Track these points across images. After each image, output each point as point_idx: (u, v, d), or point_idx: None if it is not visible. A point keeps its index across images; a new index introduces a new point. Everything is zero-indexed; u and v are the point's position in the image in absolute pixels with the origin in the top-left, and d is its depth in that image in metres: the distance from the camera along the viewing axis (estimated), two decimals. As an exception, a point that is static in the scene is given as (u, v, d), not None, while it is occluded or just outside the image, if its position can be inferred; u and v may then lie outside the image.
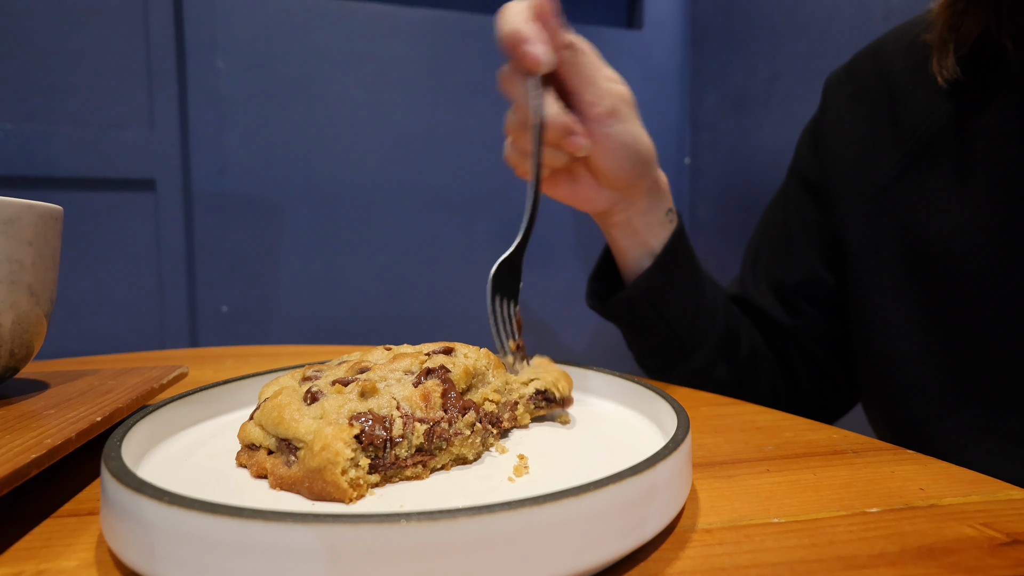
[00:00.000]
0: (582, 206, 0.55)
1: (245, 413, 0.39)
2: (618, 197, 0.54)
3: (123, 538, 0.23)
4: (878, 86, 0.55)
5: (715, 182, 1.48)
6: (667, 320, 0.57)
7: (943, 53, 0.48)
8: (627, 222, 0.55)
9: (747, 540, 0.26)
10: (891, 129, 0.54)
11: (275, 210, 1.37)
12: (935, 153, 0.50)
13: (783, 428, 0.41)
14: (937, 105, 0.50)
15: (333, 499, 0.27)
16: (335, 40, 1.37)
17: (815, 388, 0.64)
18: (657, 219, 0.56)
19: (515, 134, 0.51)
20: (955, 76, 0.48)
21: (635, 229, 0.55)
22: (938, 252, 0.49)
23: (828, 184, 0.59)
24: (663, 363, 0.61)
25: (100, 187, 1.25)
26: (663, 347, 0.59)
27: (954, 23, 0.48)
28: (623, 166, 0.51)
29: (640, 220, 0.55)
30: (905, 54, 0.54)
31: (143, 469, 0.30)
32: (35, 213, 0.38)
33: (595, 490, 0.22)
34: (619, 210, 0.55)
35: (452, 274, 1.48)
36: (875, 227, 0.54)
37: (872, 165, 0.55)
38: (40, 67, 1.20)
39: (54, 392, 0.39)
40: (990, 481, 0.32)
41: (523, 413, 0.37)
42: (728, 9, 1.45)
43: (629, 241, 0.56)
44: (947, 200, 0.49)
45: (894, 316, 0.52)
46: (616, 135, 0.49)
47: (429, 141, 1.45)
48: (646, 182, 0.54)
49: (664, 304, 0.56)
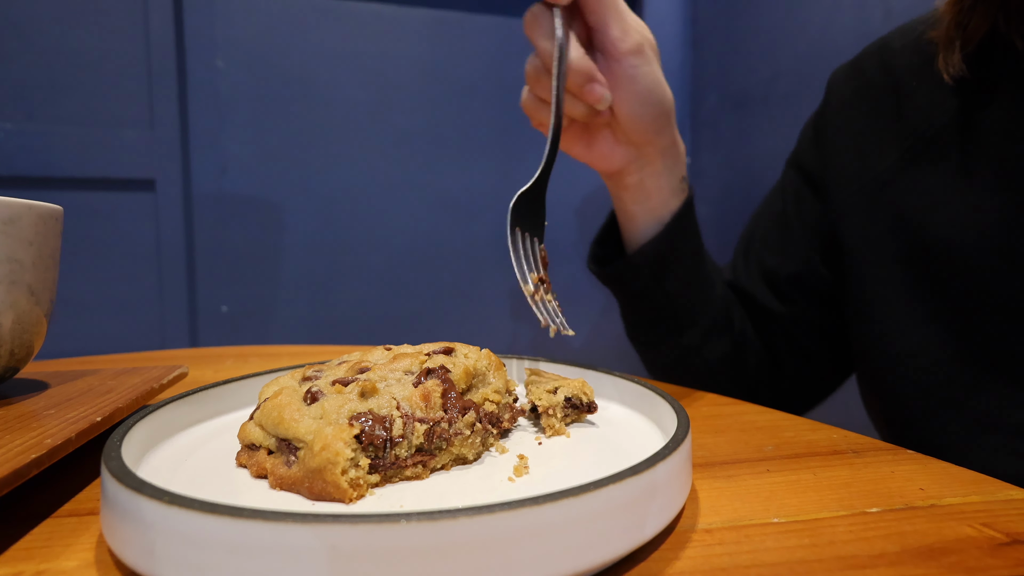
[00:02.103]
0: (597, 163, 0.54)
1: (245, 413, 0.39)
2: (635, 155, 0.53)
3: (123, 538, 0.23)
4: (883, 82, 0.55)
5: (715, 182, 1.48)
6: (666, 291, 0.56)
7: (949, 50, 0.48)
8: (640, 184, 0.54)
9: (747, 540, 0.26)
10: (894, 124, 0.54)
11: (275, 210, 1.37)
12: (938, 149, 0.50)
13: (783, 428, 0.41)
14: (941, 101, 0.50)
15: (333, 499, 0.27)
16: (335, 40, 1.37)
17: (798, 375, 0.65)
18: (670, 184, 0.54)
19: (534, 80, 0.49)
20: (961, 73, 0.48)
21: (647, 192, 0.54)
22: (939, 247, 0.49)
23: (828, 177, 0.59)
24: (655, 336, 0.60)
25: (100, 187, 1.25)
26: (658, 319, 0.59)
27: (961, 20, 0.48)
28: (643, 114, 0.50)
29: (653, 183, 0.54)
30: (911, 51, 0.54)
31: (143, 469, 0.30)
32: (35, 213, 0.38)
33: (595, 490, 0.22)
34: (634, 170, 0.53)
35: (452, 274, 1.48)
36: (874, 221, 0.54)
37: (873, 159, 0.55)
38: (40, 67, 1.20)
39: (54, 392, 0.39)
40: (990, 481, 0.32)
41: (561, 425, 0.37)
42: (728, 9, 1.45)
43: (639, 206, 0.55)
44: (949, 195, 0.49)
45: (893, 311, 0.53)
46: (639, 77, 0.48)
47: (429, 141, 1.45)
48: (664, 139, 0.52)
49: (666, 275, 0.56)
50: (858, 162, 0.56)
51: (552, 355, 0.46)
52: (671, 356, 0.60)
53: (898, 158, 0.53)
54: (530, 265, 0.42)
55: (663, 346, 0.60)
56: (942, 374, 0.49)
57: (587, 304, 1.55)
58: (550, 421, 0.36)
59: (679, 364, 0.61)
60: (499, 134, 1.50)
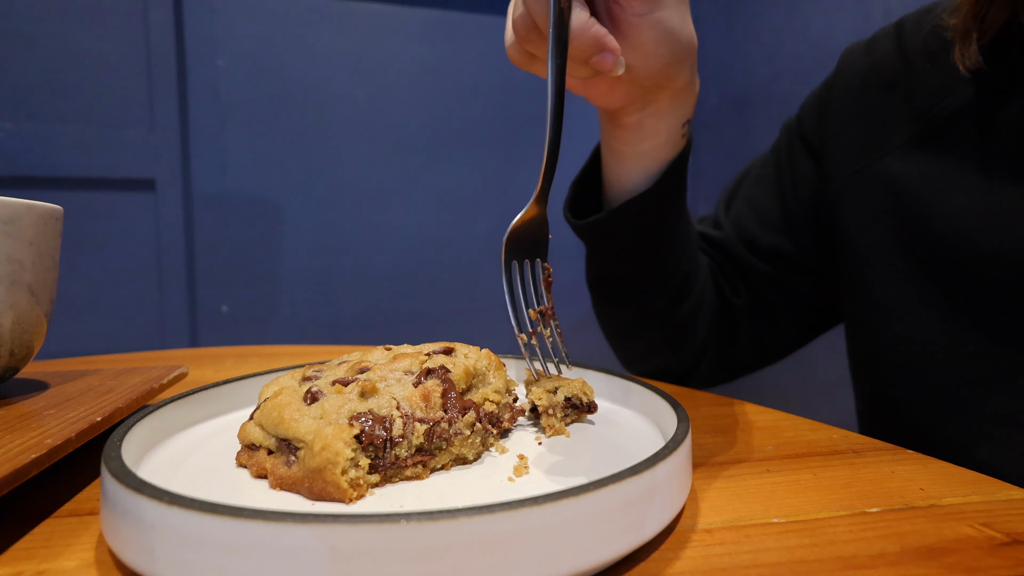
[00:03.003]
0: (594, 99, 0.48)
1: (245, 413, 0.39)
2: (639, 94, 0.46)
3: (123, 538, 0.23)
4: (896, 63, 0.55)
5: (715, 182, 1.48)
6: (642, 250, 0.54)
7: (966, 41, 0.48)
8: (638, 124, 0.48)
9: (747, 540, 0.26)
10: (904, 106, 0.53)
11: (275, 210, 1.37)
12: (950, 135, 0.50)
13: (783, 428, 0.41)
14: (955, 87, 0.50)
15: (333, 499, 0.27)
16: (335, 40, 1.37)
17: (755, 336, 0.65)
18: (670, 128, 0.49)
19: (523, 34, 0.40)
20: (977, 65, 0.47)
21: (644, 134, 0.48)
22: (941, 231, 0.49)
23: (828, 150, 0.59)
24: (618, 293, 0.59)
25: (100, 187, 1.25)
26: (627, 277, 0.57)
27: (979, 11, 0.47)
28: (655, 64, 0.43)
29: (653, 124, 0.48)
30: (927, 34, 0.53)
31: (143, 469, 0.30)
32: (35, 213, 0.38)
33: (595, 490, 0.22)
34: (635, 110, 0.48)
35: (452, 274, 1.48)
36: (874, 201, 0.54)
37: (879, 139, 0.54)
38: (40, 67, 1.20)
39: (54, 392, 0.39)
40: (990, 481, 0.32)
41: (561, 425, 0.37)
42: (728, 9, 1.45)
43: (631, 148, 0.49)
44: (956, 182, 0.49)
45: (890, 294, 0.52)
46: (654, 23, 0.40)
47: (429, 141, 1.45)
48: (676, 82, 0.46)
49: (646, 235, 0.53)
50: (863, 139, 0.56)
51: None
52: (630, 315, 0.59)
53: (906, 140, 0.52)
54: (528, 299, 0.38)
55: (625, 304, 0.59)
56: (939, 357, 0.49)
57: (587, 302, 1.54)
58: (550, 421, 0.36)
59: (637, 325, 0.60)
60: (499, 134, 1.50)
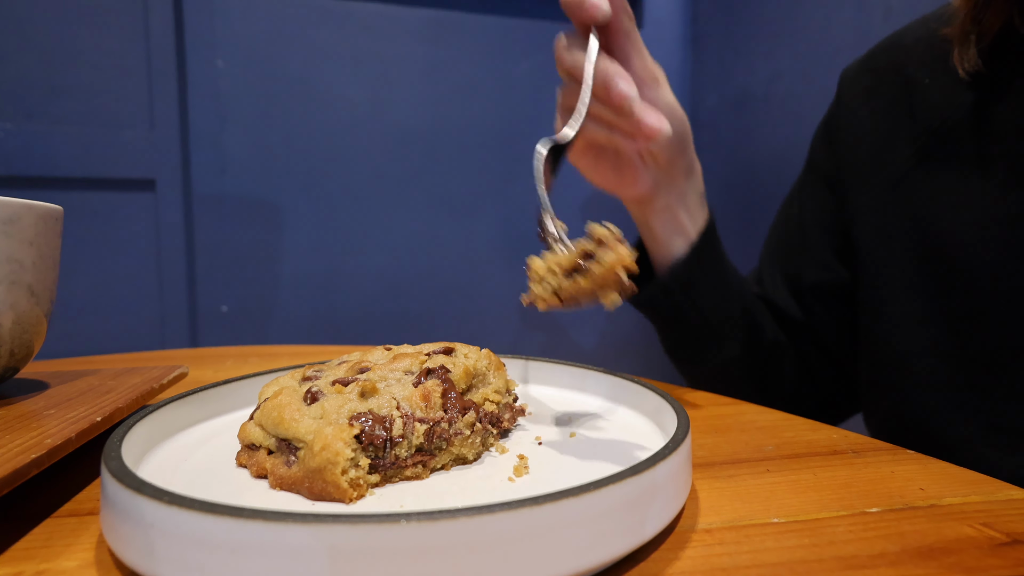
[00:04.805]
0: (626, 190, 0.55)
1: (245, 413, 0.39)
2: (661, 176, 0.54)
3: (123, 538, 0.23)
4: (895, 79, 0.55)
5: (716, 182, 1.47)
6: (699, 308, 0.57)
7: (965, 45, 0.48)
8: (668, 208, 0.55)
9: (747, 540, 0.26)
10: (907, 122, 0.54)
11: (275, 210, 1.37)
12: (951, 146, 0.50)
13: (783, 428, 0.41)
14: (954, 98, 0.50)
15: (333, 499, 0.27)
16: (335, 40, 1.37)
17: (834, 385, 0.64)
18: (694, 202, 0.56)
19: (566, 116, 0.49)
20: (977, 68, 0.48)
21: (675, 214, 0.55)
22: (951, 245, 0.49)
23: (842, 176, 0.59)
24: (694, 353, 0.61)
25: (100, 187, 1.25)
26: (696, 336, 0.59)
27: (976, 15, 0.48)
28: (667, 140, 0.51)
29: (680, 204, 0.55)
30: (923, 48, 0.54)
31: (143, 469, 0.30)
32: (35, 213, 0.38)
33: (595, 490, 0.22)
34: (662, 194, 0.54)
35: (452, 274, 1.48)
36: (887, 220, 0.54)
37: (887, 157, 0.55)
38: (40, 67, 1.20)
39: (54, 392, 0.39)
40: (990, 481, 0.32)
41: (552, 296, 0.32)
42: (728, 9, 1.45)
43: (668, 228, 0.56)
44: (962, 193, 0.49)
45: (904, 310, 0.53)
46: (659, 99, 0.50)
47: (429, 141, 1.45)
48: (685, 159, 0.54)
49: (697, 291, 0.56)
50: (872, 160, 0.56)
51: (559, 355, 0.46)
52: (713, 370, 0.60)
53: (911, 155, 0.53)
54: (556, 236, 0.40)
55: (703, 362, 0.61)
56: (951, 374, 0.49)
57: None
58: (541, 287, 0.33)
59: (721, 377, 0.61)
60: (499, 134, 1.50)
